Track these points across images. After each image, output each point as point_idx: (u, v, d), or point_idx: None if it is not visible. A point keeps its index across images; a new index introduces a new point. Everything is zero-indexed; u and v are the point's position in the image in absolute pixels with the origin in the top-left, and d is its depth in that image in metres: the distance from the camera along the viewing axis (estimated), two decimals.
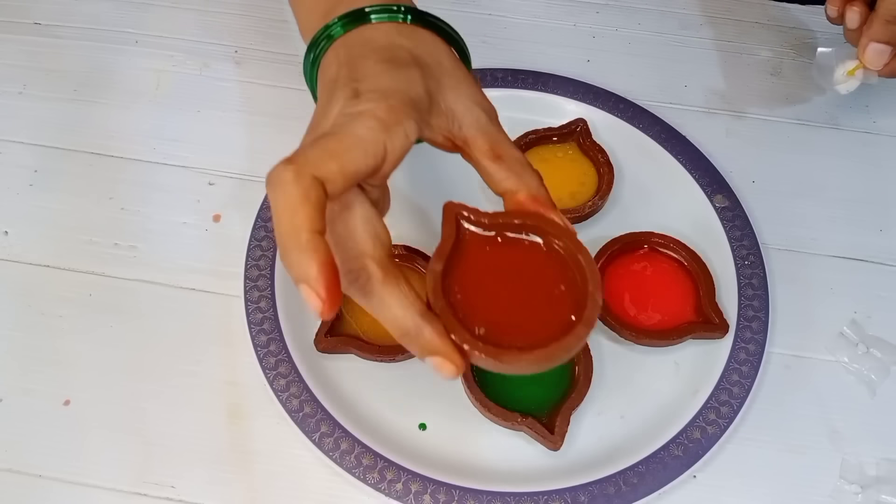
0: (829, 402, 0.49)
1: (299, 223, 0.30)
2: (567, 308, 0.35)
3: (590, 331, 0.34)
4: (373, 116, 0.34)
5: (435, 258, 0.35)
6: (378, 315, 0.34)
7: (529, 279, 0.36)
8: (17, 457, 0.45)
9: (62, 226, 0.53)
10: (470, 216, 0.36)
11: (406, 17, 0.39)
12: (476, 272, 0.35)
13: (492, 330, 0.34)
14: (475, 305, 0.34)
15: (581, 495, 0.44)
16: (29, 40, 0.63)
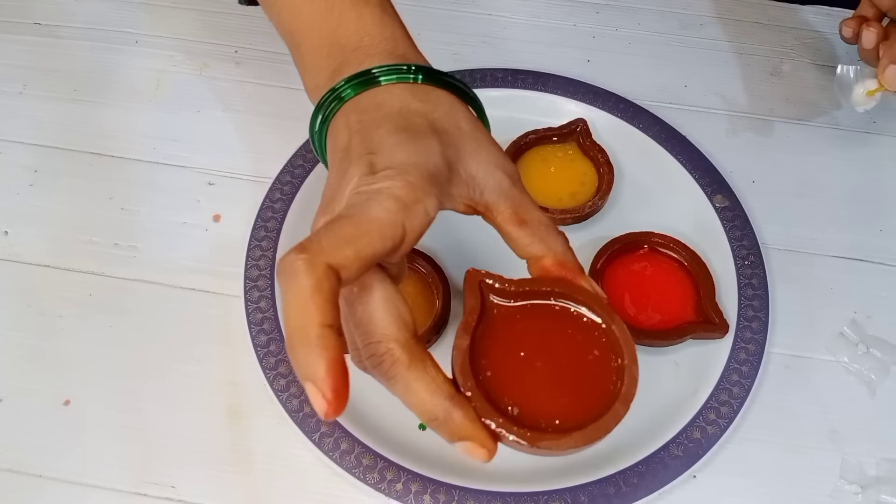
0: (829, 402, 0.49)
1: (310, 318, 0.29)
2: (603, 384, 0.33)
3: (628, 409, 0.32)
4: (391, 196, 0.32)
5: (460, 333, 0.34)
6: (404, 400, 0.32)
7: (562, 353, 0.34)
8: (17, 457, 0.45)
9: (62, 226, 0.53)
10: (494, 284, 0.35)
11: (417, 78, 0.37)
12: (505, 347, 0.34)
13: (524, 409, 0.32)
14: (506, 383, 0.33)
15: (581, 495, 0.44)
16: (29, 40, 0.63)
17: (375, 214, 0.31)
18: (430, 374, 0.31)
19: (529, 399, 0.32)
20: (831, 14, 0.66)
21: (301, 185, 0.54)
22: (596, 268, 0.51)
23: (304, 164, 0.54)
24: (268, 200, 0.53)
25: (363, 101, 0.37)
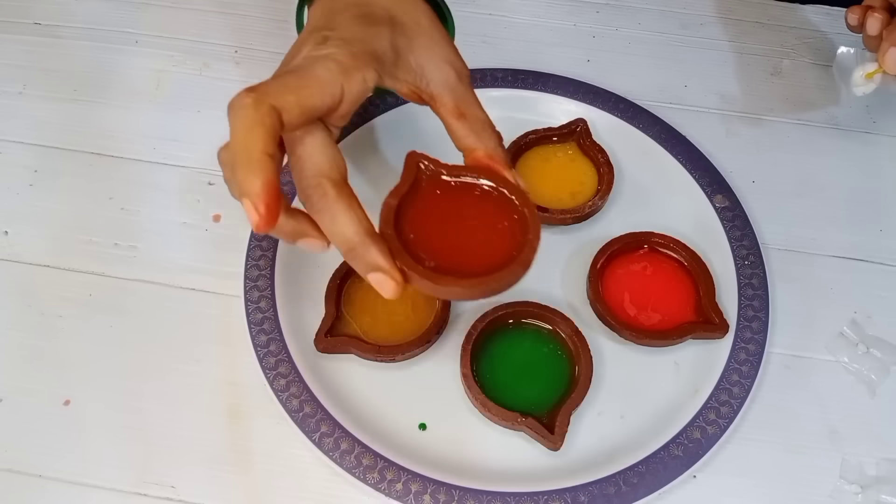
0: (829, 402, 0.49)
1: (251, 143, 0.33)
2: (507, 250, 0.38)
3: (525, 271, 0.37)
4: (334, 60, 0.37)
5: (391, 195, 0.39)
6: (328, 231, 0.36)
7: (475, 222, 0.39)
8: (17, 457, 0.45)
9: (62, 226, 0.53)
10: (430, 165, 0.40)
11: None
12: (427, 210, 0.39)
13: (436, 261, 0.37)
14: (424, 242, 0.38)
15: (581, 495, 0.44)
16: (29, 40, 0.63)
17: (318, 72, 0.37)
18: (355, 210, 0.36)
19: (442, 255, 0.37)
20: (831, 13, 0.66)
21: None
22: (596, 268, 0.51)
23: None
24: None
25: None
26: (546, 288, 0.51)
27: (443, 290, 0.37)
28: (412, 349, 0.48)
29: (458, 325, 0.49)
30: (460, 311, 0.50)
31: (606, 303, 0.50)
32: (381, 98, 0.57)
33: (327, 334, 0.48)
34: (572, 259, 0.53)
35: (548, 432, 0.45)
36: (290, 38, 0.63)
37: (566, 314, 0.49)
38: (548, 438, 0.45)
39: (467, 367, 0.46)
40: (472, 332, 0.47)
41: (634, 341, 0.49)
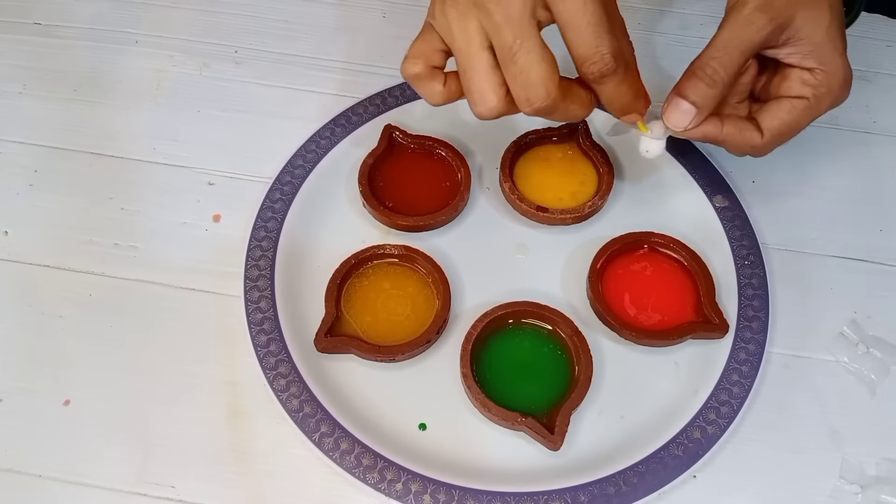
0: (829, 402, 0.49)
1: None
2: (448, 199, 0.53)
3: (453, 214, 0.53)
4: None
5: (368, 155, 0.54)
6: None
7: (426, 177, 0.55)
8: (17, 457, 0.45)
9: (62, 226, 0.53)
10: (400, 135, 0.55)
11: None
12: (393, 168, 0.55)
13: (394, 203, 0.53)
14: (387, 188, 0.54)
15: (581, 495, 0.44)
16: (29, 40, 0.63)
17: None
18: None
19: (399, 200, 0.53)
20: None
21: (301, 185, 0.54)
22: (596, 268, 0.51)
23: (304, 165, 0.55)
24: (268, 200, 0.53)
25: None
26: (546, 288, 0.51)
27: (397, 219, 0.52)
28: (412, 349, 0.48)
29: (458, 325, 0.49)
30: (460, 311, 0.50)
31: (606, 303, 0.50)
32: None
33: (327, 334, 0.48)
34: (572, 259, 0.53)
35: (548, 432, 0.45)
36: (291, 39, 0.63)
37: (566, 314, 0.49)
38: (548, 438, 0.45)
39: (467, 367, 0.46)
40: (472, 332, 0.47)
41: (634, 341, 0.49)
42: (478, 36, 0.38)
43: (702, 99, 0.43)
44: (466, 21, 0.38)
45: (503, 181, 0.54)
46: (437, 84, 0.42)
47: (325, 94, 0.60)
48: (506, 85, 0.39)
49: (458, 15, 0.38)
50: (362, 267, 0.51)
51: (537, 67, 0.37)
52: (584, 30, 0.36)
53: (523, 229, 0.54)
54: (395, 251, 0.51)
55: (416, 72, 0.41)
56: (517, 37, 0.37)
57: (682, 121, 0.44)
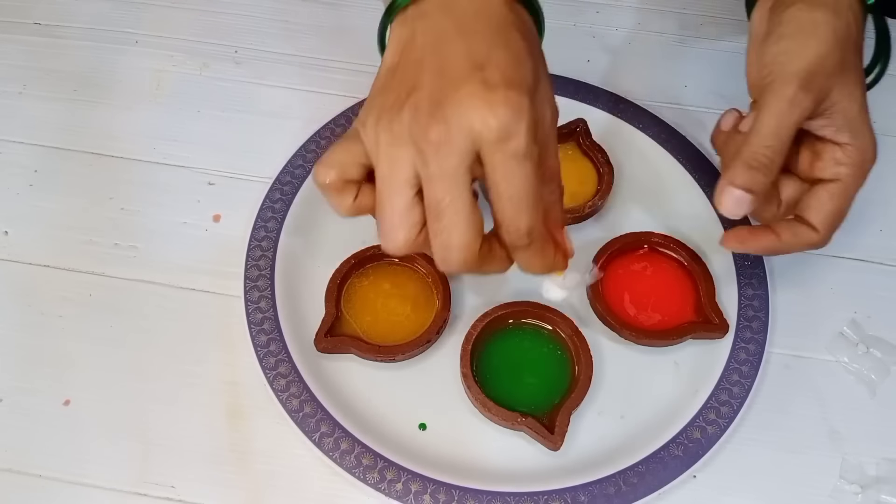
0: (829, 402, 0.49)
1: None
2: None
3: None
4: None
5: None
6: None
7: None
8: (17, 457, 0.45)
9: (62, 226, 0.53)
10: None
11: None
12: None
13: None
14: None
15: (581, 495, 0.44)
16: (29, 40, 0.63)
17: None
18: None
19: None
20: None
21: (301, 185, 0.54)
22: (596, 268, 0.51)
23: (304, 164, 0.55)
24: (268, 200, 0.53)
25: (458, 4, 0.36)
26: None
27: None
28: (412, 349, 0.48)
29: (458, 325, 0.49)
30: (460, 311, 0.50)
31: (606, 303, 0.50)
32: None
33: (327, 334, 0.48)
34: (572, 259, 0.53)
35: (548, 432, 0.45)
36: (291, 39, 0.63)
37: (566, 314, 0.49)
38: (548, 438, 0.45)
39: (467, 367, 0.46)
40: (472, 332, 0.47)
41: (634, 341, 0.49)
42: (406, 170, 0.35)
43: (759, 186, 0.42)
44: (398, 151, 0.35)
45: None
46: (348, 198, 0.38)
47: (325, 94, 0.60)
48: (419, 226, 0.36)
49: (391, 141, 0.35)
50: (362, 267, 0.51)
51: (460, 231, 0.35)
52: (505, 200, 0.35)
53: None
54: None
55: (327, 181, 0.37)
56: (447, 193, 0.34)
57: (740, 209, 0.43)
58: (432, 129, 0.33)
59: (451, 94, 0.34)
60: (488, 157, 0.34)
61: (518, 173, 0.34)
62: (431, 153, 0.34)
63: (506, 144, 0.33)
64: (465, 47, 0.35)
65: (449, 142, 0.33)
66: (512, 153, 0.33)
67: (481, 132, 0.33)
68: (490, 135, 0.33)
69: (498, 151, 0.33)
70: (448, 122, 0.33)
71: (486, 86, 0.33)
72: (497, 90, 0.33)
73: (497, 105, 0.33)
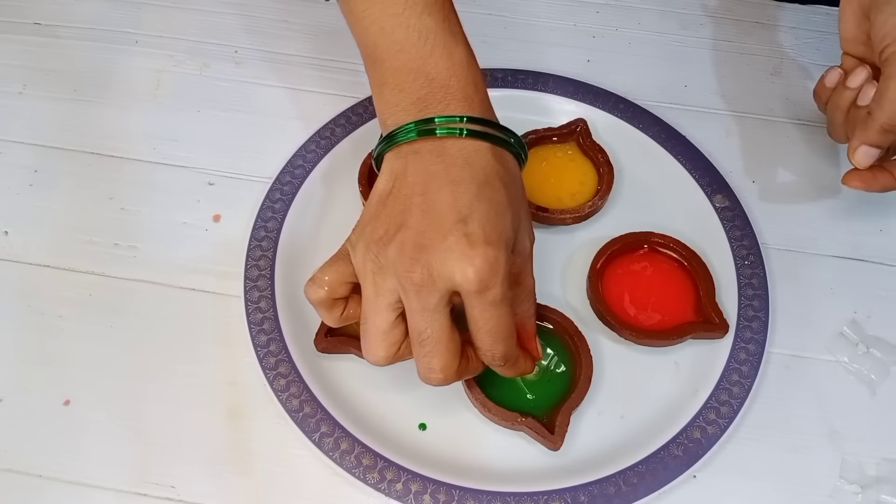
0: (829, 402, 0.49)
1: None
2: None
3: None
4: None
5: (368, 155, 0.53)
6: None
7: None
8: (17, 457, 0.45)
9: (62, 226, 0.53)
10: None
11: (504, 141, 0.41)
12: None
13: None
14: None
15: (581, 495, 0.44)
16: (29, 40, 0.63)
17: None
18: None
19: None
20: (831, 14, 0.66)
21: (301, 185, 0.54)
22: (596, 268, 0.51)
23: (304, 164, 0.55)
24: (268, 200, 0.53)
25: (449, 150, 0.40)
26: (546, 288, 0.51)
27: None
28: None
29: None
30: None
31: (606, 303, 0.50)
32: None
33: (327, 334, 0.48)
34: (572, 259, 0.53)
35: (548, 432, 0.45)
36: (291, 39, 0.63)
37: (566, 314, 0.49)
38: (548, 438, 0.45)
39: None
40: None
41: (634, 341, 0.49)
42: (388, 297, 0.39)
43: (889, 144, 0.49)
44: (383, 280, 0.38)
45: None
46: (337, 312, 0.42)
47: (325, 94, 0.60)
48: (399, 344, 0.40)
49: (377, 271, 0.39)
50: None
51: (440, 356, 0.39)
52: (483, 334, 0.39)
53: None
54: None
55: (318, 298, 0.41)
56: (428, 325, 0.38)
57: (869, 161, 0.49)
58: (415, 271, 0.37)
59: (435, 242, 0.37)
60: (467, 301, 0.38)
61: (494, 314, 0.38)
62: (413, 291, 0.37)
63: (483, 293, 0.37)
64: (451, 196, 0.38)
65: (430, 284, 0.37)
66: (490, 301, 0.37)
67: (461, 283, 0.37)
68: (469, 286, 0.37)
69: (475, 298, 0.37)
70: (430, 268, 0.37)
71: (468, 240, 0.37)
72: (477, 246, 0.37)
73: (476, 259, 0.36)
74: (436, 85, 0.41)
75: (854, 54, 0.52)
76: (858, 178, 0.50)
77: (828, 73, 0.52)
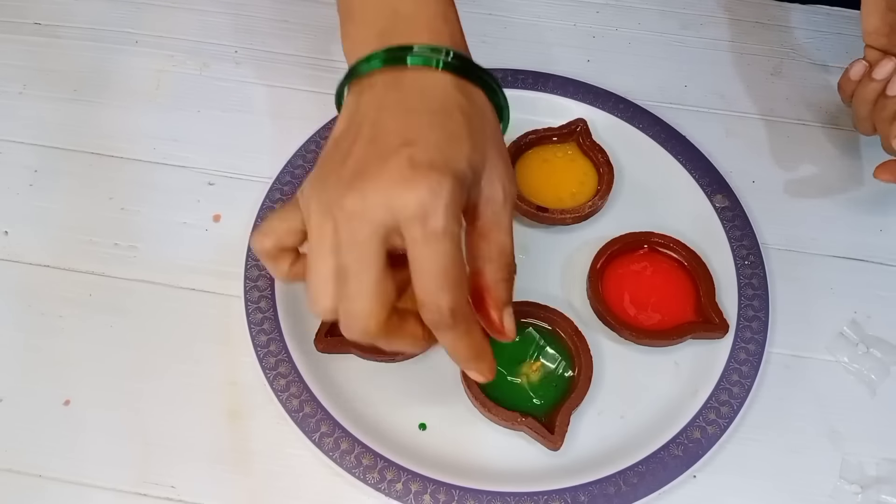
0: (829, 402, 0.49)
1: None
2: None
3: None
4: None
5: None
6: None
7: None
8: (17, 457, 0.45)
9: (62, 226, 0.53)
10: None
11: (455, 66, 0.38)
12: None
13: None
14: None
15: (581, 495, 0.44)
16: (29, 40, 0.63)
17: None
18: None
19: None
20: (831, 14, 0.66)
21: (301, 185, 0.54)
22: (596, 268, 0.51)
23: (304, 164, 0.55)
24: (268, 200, 0.53)
25: (407, 80, 0.37)
26: (546, 288, 0.51)
27: None
28: None
29: None
30: None
31: (606, 303, 0.50)
32: None
33: (327, 334, 0.48)
34: (572, 259, 0.53)
35: (548, 432, 0.45)
36: (290, 39, 0.63)
37: (566, 314, 0.49)
38: (548, 438, 0.45)
39: None
40: None
41: (634, 341, 0.49)
42: (330, 239, 0.35)
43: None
44: (323, 220, 0.35)
45: None
46: (284, 264, 0.38)
47: (325, 94, 0.60)
48: None
49: (318, 211, 0.35)
50: None
51: (364, 301, 0.34)
52: (426, 275, 0.34)
53: (523, 229, 0.54)
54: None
55: (263, 248, 0.38)
56: (354, 261, 0.34)
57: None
58: (348, 198, 0.34)
59: (374, 167, 0.34)
60: (406, 233, 0.34)
61: (437, 250, 0.33)
62: (343, 221, 0.34)
63: (424, 222, 0.33)
64: (401, 123, 0.35)
65: (363, 212, 0.33)
66: (431, 231, 0.33)
67: (399, 209, 0.33)
68: (407, 212, 0.33)
69: (415, 228, 0.33)
70: (365, 195, 0.33)
71: (411, 163, 0.33)
72: (419, 169, 0.33)
73: (417, 183, 0.33)
74: (400, 17, 0.39)
75: (877, 46, 0.52)
76: (888, 170, 0.50)
77: (852, 66, 0.52)
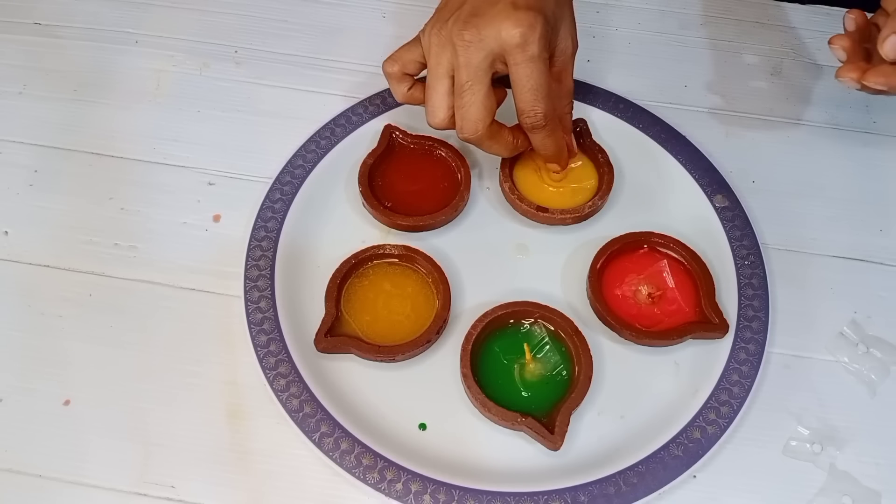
0: (829, 402, 0.49)
1: None
2: (447, 200, 0.53)
3: (453, 214, 0.53)
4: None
5: (368, 155, 0.54)
6: None
7: (426, 178, 0.55)
8: (17, 457, 0.45)
9: (62, 226, 0.53)
10: (400, 135, 0.56)
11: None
12: (393, 168, 0.55)
13: (393, 203, 0.53)
14: (386, 188, 0.54)
15: (581, 495, 0.44)
16: (29, 40, 0.63)
17: None
18: None
19: (397, 200, 0.54)
20: (831, 14, 0.66)
21: (301, 185, 0.54)
22: (596, 268, 0.51)
23: (304, 164, 0.55)
24: (268, 200, 0.53)
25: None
26: (546, 288, 0.51)
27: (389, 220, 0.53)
28: (412, 349, 0.48)
29: (458, 325, 0.49)
30: (460, 311, 0.50)
31: (606, 303, 0.50)
32: None
33: (327, 334, 0.48)
34: (572, 259, 0.53)
35: (548, 432, 0.45)
36: (291, 39, 0.63)
37: (566, 314, 0.49)
38: (548, 438, 0.45)
39: (467, 367, 0.46)
40: (472, 332, 0.47)
41: (634, 341, 0.49)
42: (446, 65, 0.47)
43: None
44: (442, 50, 0.47)
45: (503, 181, 0.54)
46: (404, 86, 0.51)
47: (325, 94, 0.60)
48: (454, 109, 0.47)
49: (438, 43, 0.47)
50: (362, 267, 0.51)
51: (475, 108, 0.46)
52: (526, 91, 0.46)
53: (523, 229, 0.54)
54: (395, 251, 0.51)
55: (390, 71, 0.50)
56: (469, 79, 0.46)
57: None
58: (466, 31, 0.45)
59: (486, 9, 0.45)
60: (511, 59, 0.45)
61: (534, 70, 0.45)
62: (462, 48, 0.45)
63: (524, 49, 0.45)
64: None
65: (478, 41, 0.45)
66: (529, 56, 0.45)
67: (506, 38, 0.44)
68: (512, 41, 0.44)
69: (517, 53, 0.45)
70: (479, 28, 0.45)
71: (514, 5, 0.45)
72: (520, 9, 0.45)
73: (519, 20, 0.44)
74: None
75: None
76: (854, 67, 0.49)
77: (846, 19, 0.51)
